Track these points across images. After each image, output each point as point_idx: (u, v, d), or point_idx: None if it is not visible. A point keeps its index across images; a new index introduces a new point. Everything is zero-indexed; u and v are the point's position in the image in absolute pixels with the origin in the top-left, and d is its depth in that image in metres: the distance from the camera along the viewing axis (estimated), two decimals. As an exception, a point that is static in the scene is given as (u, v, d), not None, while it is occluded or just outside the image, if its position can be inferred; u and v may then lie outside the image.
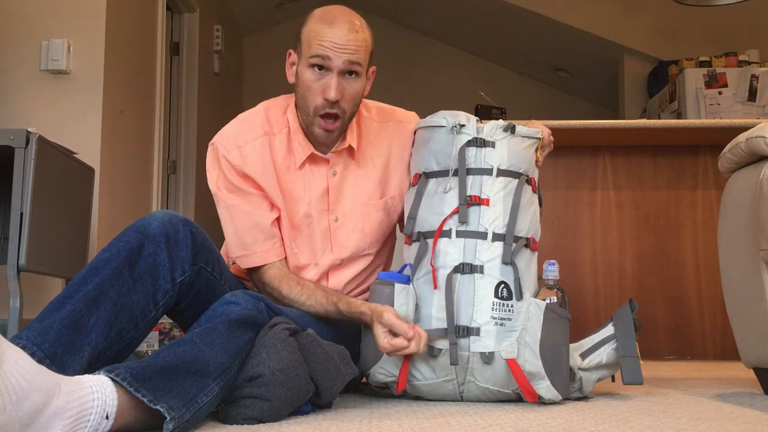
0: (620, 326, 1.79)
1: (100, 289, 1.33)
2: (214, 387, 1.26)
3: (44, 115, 2.99)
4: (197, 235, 1.51)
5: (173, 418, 1.15)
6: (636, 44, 5.98)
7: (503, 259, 1.64)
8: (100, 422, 1.09)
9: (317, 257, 1.82)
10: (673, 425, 1.35)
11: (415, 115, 1.95)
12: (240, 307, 1.43)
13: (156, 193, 3.83)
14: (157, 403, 1.14)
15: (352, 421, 1.38)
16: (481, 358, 1.60)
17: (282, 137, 1.80)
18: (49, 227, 2.41)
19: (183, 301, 1.52)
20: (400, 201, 1.88)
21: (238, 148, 1.76)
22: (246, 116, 1.83)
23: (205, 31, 5.02)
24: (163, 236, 1.43)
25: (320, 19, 1.70)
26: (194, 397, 1.22)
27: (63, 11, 3.07)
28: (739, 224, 1.89)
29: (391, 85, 7.07)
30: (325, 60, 1.67)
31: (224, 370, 1.30)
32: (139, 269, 1.40)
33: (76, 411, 1.06)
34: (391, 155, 1.87)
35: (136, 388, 1.12)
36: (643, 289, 3.34)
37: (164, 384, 1.17)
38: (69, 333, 1.26)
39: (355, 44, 1.68)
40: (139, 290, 1.39)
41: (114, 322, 1.33)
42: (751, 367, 1.96)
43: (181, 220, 1.48)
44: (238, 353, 1.36)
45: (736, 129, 2.88)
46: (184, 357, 1.25)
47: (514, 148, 1.72)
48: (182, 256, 1.46)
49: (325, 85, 1.69)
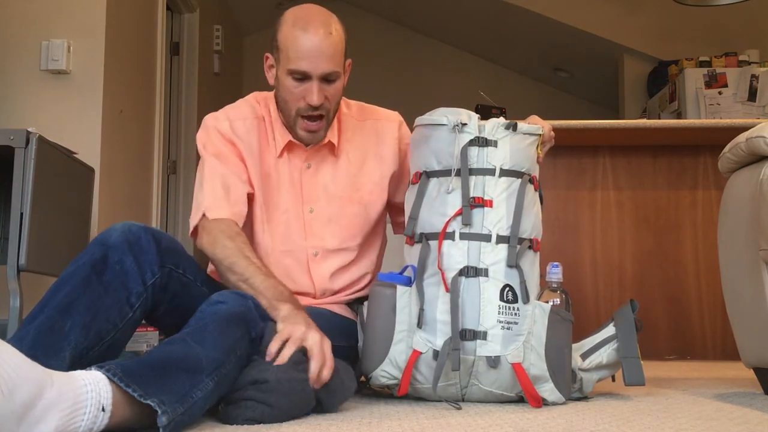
0: (621, 326, 1.79)
1: (71, 297, 1.34)
2: (208, 382, 1.26)
3: (44, 115, 2.99)
4: (161, 239, 1.51)
5: (165, 411, 1.15)
6: (636, 44, 5.98)
7: (508, 262, 1.63)
8: (97, 414, 1.09)
9: (292, 244, 1.83)
10: (673, 425, 1.35)
11: (397, 114, 1.98)
12: (228, 306, 1.43)
13: (156, 193, 3.83)
14: (148, 398, 1.14)
15: (352, 421, 1.38)
16: (487, 362, 1.58)
17: (267, 125, 1.85)
18: (49, 227, 2.41)
19: (160, 306, 1.52)
20: (379, 197, 1.90)
21: (228, 120, 1.83)
22: (236, 103, 1.90)
23: (205, 31, 5.02)
24: (126, 244, 1.44)
25: (294, 25, 1.72)
26: (188, 393, 1.21)
27: (63, 11, 3.07)
28: (739, 224, 1.89)
29: (391, 85, 7.07)
30: (304, 74, 1.72)
31: (218, 366, 1.30)
32: (107, 278, 1.40)
33: (71, 403, 1.06)
34: (368, 152, 1.90)
35: (126, 383, 1.12)
36: (643, 289, 3.34)
37: (155, 380, 1.17)
38: (46, 337, 1.27)
39: (331, 50, 1.71)
40: (111, 295, 1.39)
41: (90, 324, 1.34)
42: (751, 367, 1.96)
43: (140, 228, 1.49)
44: (231, 350, 1.35)
45: (736, 129, 2.88)
46: (176, 354, 1.26)
47: (516, 146, 1.70)
48: (149, 259, 1.46)
49: (306, 91, 1.73)
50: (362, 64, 5.40)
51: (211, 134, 1.81)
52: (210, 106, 5.23)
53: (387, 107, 2.02)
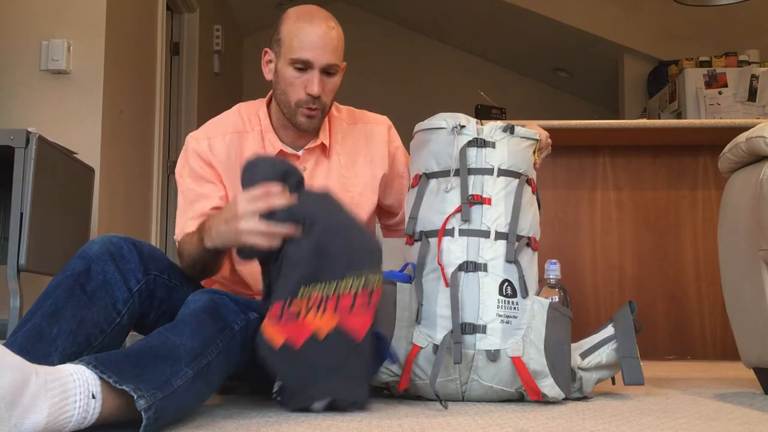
0: (620, 327, 1.80)
1: (57, 305, 1.35)
2: (188, 371, 1.26)
3: (44, 115, 2.99)
4: (141, 247, 1.52)
5: (141, 396, 1.14)
6: (636, 44, 5.99)
7: (506, 258, 1.65)
8: (88, 402, 1.09)
9: None
10: (673, 425, 1.35)
11: (386, 118, 2.00)
12: (202, 301, 1.45)
13: (156, 193, 3.83)
14: (123, 383, 1.14)
15: (352, 421, 1.38)
16: (486, 355, 1.60)
17: (255, 135, 1.85)
18: (49, 227, 2.41)
19: (150, 313, 1.53)
20: (369, 199, 1.91)
21: (207, 139, 1.84)
22: (220, 116, 1.91)
23: (205, 31, 5.02)
24: (107, 254, 1.45)
25: (298, 19, 1.76)
26: (167, 381, 1.21)
27: (63, 11, 3.07)
28: (739, 224, 1.89)
29: (391, 85, 7.08)
30: (307, 63, 1.73)
31: (197, 355, 1.30)
32: (91, 288, 1.41)
33: (59, 390, 1.06)
34: (358, 154, 1.91)
35: (101, 371, 1.13)
36: (643, 289, 3.34)
37: (132, 369, 1.17)
38: (33, 343, 1.28)
39: (334, 43, 1.75)
40: (97, 303, 1.40)
41: (78, 330, 1.35)
42: (751, 367, 1.96)
43: (120, 238, 1.50)
44: (210, 341, 1.36)
45: (736, 129, 2.88)
46: (152, 345, 1.27)
47: (513, 148, 1.73)
48: (132, 267, 1.48)
49: (307, 81, 1.74)
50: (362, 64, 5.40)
51: (190, 158, 1.83)
52: (210, 106, 5.25)
53: (387, 107, 2.04)
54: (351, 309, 1.40)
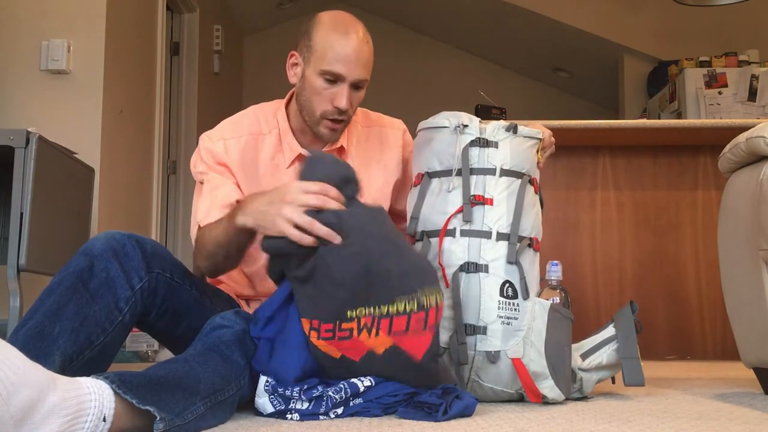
0: (621, 327, 1.80)
1: (59, 304, 1.34)
2: (200, 406, 1.26)
3: (44, 115, 2.99)
4: (145, 245, 1.51)
5: (163, 419, 1.14)
6: (636, 44, 5.99)
7: (508, 259, 1.64)
8: (97, 424, 1.08)
9: None
10: (673, 425, 1.35)
11: (400, 122, 1.97)
12: (233, 329, 1.45)
13: (156, 193, 3.83)
14: (145, 404, 1.13)
15: (351, 421, 1.38)
16: (486, 357, 1.60)
17: (272, 137, 1.82)
18: (49, 227, 2.41)
19: (151, 311, 1.53)
20: (382, 203, 1.87)
21: (222, 140, 1.80)
22: (234, 117, 1.87)
23: (205, 31, 5.02)
24: (110, 252, 1.44)
25: (332, 28, 1.70)
26: (181, 413, 1.21)
27: (63, 11, 3.07)
28: (739, 224, 1.89)
29: (391, 85, 7.07)
30: (338, 76, 1.69)
31: (215, 391, 1.31)
32: (93, 285, 1.40)
33: (74, 410, 1.05)
34: (372, 158, 1.88)
35: (124, 391, 1.12)
36: (643, 289, 3.34)
37: (152, 395, 1.17)
38: (35, 341, 1.28)
39: (366, 58, 1.71)
40: (99, 302, 1.39)
41: (79, 329, 1.34)
42: (751, 367, 1.96)
43: (124, 235, 1.49)
44: (233, 378, 1.37)
45: (736, 129, 2.88)
46: (175, 372, 1.26)
47: (516, 148, 1.72)
48: (135, 265, 1.46)
49: (335, 94, 1.70)
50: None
51: (204, 156, 1.80)
52: (210, 106, 5.25)
53: (387, 107, 2.02)
54: (406, 331, 1.37)
